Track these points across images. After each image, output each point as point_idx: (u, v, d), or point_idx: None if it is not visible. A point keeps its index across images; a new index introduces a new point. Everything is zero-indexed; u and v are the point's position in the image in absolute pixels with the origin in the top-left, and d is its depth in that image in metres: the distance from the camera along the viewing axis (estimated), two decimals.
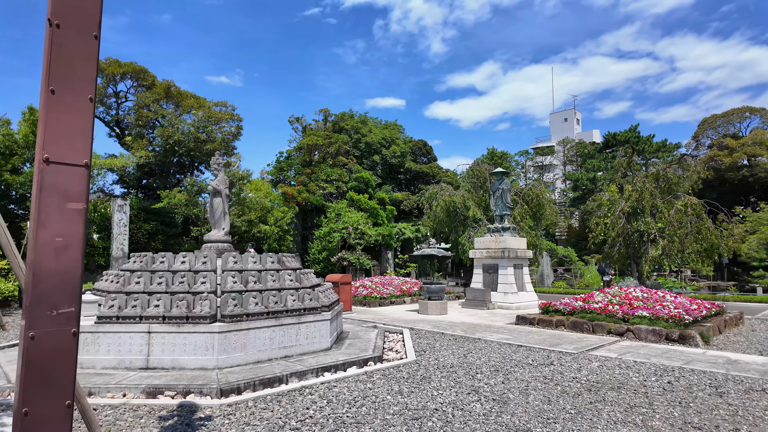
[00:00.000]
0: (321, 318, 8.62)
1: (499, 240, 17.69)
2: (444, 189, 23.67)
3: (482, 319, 13.93)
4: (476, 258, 18.44)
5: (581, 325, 11.54)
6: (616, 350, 9.14)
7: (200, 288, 7.86)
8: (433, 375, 7.13)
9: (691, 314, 11.03)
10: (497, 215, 18.82)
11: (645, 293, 12.72)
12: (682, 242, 17.72)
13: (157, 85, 21.24)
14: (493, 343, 9.89)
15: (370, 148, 31.95)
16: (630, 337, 10.58)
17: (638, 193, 18.43)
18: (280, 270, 9.12)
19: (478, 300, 16.87)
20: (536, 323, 12.46)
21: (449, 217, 23.49)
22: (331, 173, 28.32)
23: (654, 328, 10.35)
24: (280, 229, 23.83)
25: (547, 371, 7.38)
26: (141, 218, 20.16)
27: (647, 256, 18.30)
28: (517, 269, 17.72)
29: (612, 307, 11.80)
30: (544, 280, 28.90)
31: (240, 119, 22.85)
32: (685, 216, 17.84)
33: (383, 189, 31.82)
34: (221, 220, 10.00)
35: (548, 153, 65.60)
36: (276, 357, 7.90)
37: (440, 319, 13.70)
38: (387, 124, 35.73)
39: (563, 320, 11.96)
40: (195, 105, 21.09)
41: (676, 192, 19.27)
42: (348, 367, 7.67)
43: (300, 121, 32.07)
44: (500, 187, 18.73)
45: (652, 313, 11.03)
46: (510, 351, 9.05)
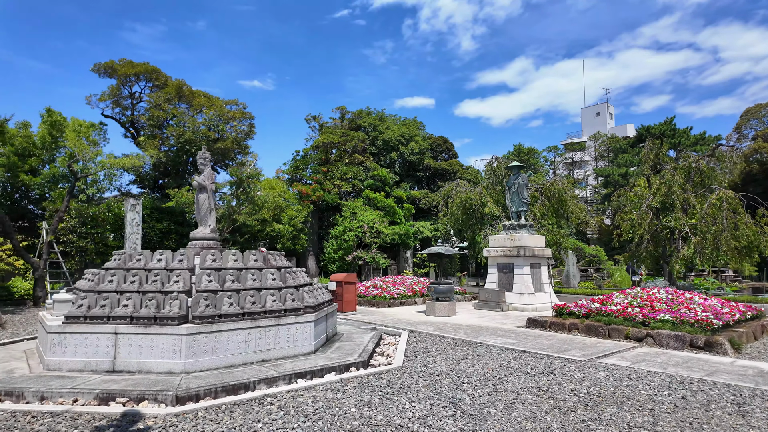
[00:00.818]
0: (304, 320, 8.10)
1: (515, 238, 16.77)
2: (460, 186, 22.81)
3: (492, 321, 13.12)
4: (491, 257, 17.56)
5: (596, 329, 10.60)
6: (630, 358, 8.22)
7: (172, 287, 7.48)
8: (414, 384, 6.48)
9: (721, 318, 9.93)
10: (513, 212, 17.88)
11: (670, 294, 11.63)
12: (716, 239, 16.30)
13: (170, 84, 21.33)
14: (494, 348, 9.13)
15: (387, 146, 31.32)
16: (649, 343, 9.59)
17: (667, 186, 17.08)
18: (263, 269, 8.66)
19: (491, 301, 16.03)
20: (548, 327, 11.57)
21: (466, 215, 22.61)
22: (347, 171, 27.87)
23: (677, 333, 9.33)
24: (294, 228, 23.54)
25: (544, 381, 6.61)
26: (154, 217, 20.25)
27: (678, 255, 16.94)
28: (534, 269, 16.75)
29: (631, 310, 10.80)
30: (570, 281, 27.56)
31: (251, 117, 22.72)
32: (720, 211, 16.40)
33: (401, 187, 31.12)
34: (207, 216, 9.63)
35: (578, 149, 63.24)
36: (252, 361, 7.43)
37: (446, 322, 12.98)
38: (406, 121, 35.01)
39: (577, 323, 11.04)
40: (206, 104, 21.04)
41: (710, 185, 17.80)
42: (326, 373, 7.11)
43: (317, 120, 31.79)
44: (516, 182, 17.79)
45: (676, 316, 9.99)
46: (510, 357, 8.28)
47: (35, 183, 19.13)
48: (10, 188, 19.31)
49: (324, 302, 9.29)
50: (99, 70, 20.78)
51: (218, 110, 21.00)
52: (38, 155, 19.30)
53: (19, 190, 19.43)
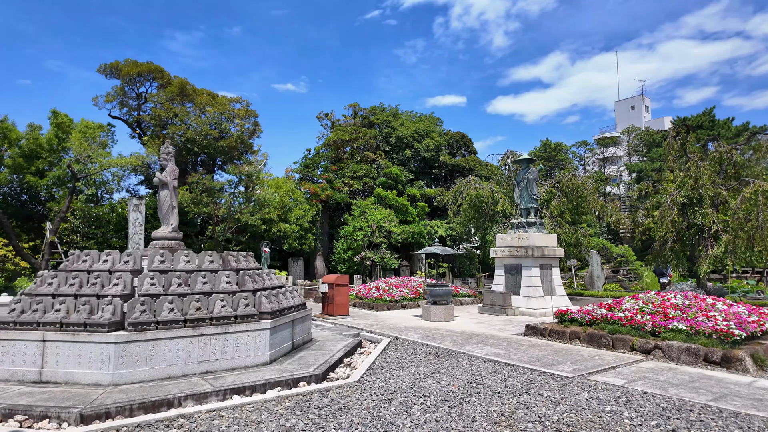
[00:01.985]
0: (257, 327, 7.40)
1: (523, 237, 15.61)
2: (471, 182, 21.70)
3: (490, 327, 12.09)
4: (497, 257, 16.45)
5: (599, 338, 9.45)
6: (629, 375, 7.11)
7: (109, 290, 6.92)
8: (357, 405, 5.66)
9: (745, 328, 8.61)
10: (522, 208, 16.70)
11: (688, 300, 10.31)
12: (750, 237, 14.63)
13: (173, 83, 21.22)
14: (476, 360, 8.17)
15: (401, 143, 30.39)
16: (658, 356, 8.40)
17: (693, 179, 15.48)
18: (218, 271, 8.01)
19: (496, 305, 14.95)
20: (547, 335, 10.48)
21: (477, 213, 21.49)
22: (357, 169, 27.15)
23: (689, 345, 8.11)
24: (300, 228, 23.03)
25: (512, 404, 5.65)
26: (157, 218, 20.16)
27: (706, 255, 15.33)
28: (545, 270, 15.54)
29: (640, 318, 9.58)
30: (594, 282, 25.93)
31: (255, 115, 22.33)
32: (755, 206, 14.71)
33: (415, 185, 30.13)
34: (169, 214, 9.09)
35: (611, 143, 60.34)
36: (194, 372, 6.78)
37: (439, 327, 12.03)
38: (421, 117, 33.96)
39: (578, 332, 9.91)
40: (209, 102, 20.79)
41: (744, 178, 16.05)
42: (270, 388, 6.38)
43: (329, 117, 31.21)
44: (525, 176, 16.60)
45: (691, 325, 8.74)
46: (487, 372, 7.32)
47: (42, 184, 19.32)
48: (18, 190, 19.60)
49: (289, 307, 8.57)
50: (105, 71, 20.94)
51: (221, 108, 20.74)
52: (45, 157, 19.49)
53: (26, 192, 19.69)
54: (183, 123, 20.11)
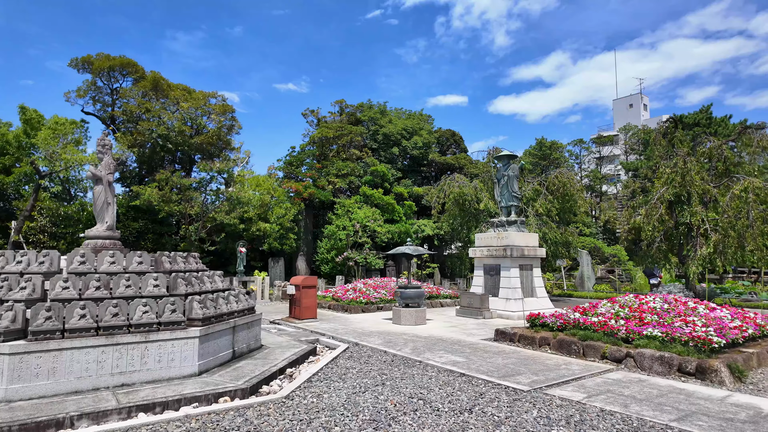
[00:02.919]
0: (184, 335, 6.73)
1: (502, 236, 14.93)
2: (456, 180, 21.02)
3: (461, 332, 11.42)
4: (476, 258, 15.79)
5: (569, 345, 8.77)
6: (591, 388, 6.44)
7: (13, 295, 6.26)
8: (268, 428, 4.99)
9: (725, 335, 7.94)
10: (503, 207, 16.03)
11: (667, 304, 9.63)
12: (741, 236, 13.94)
13: (146, 78, 20.55)
14: (430, 370, 7.51)
15: (388, 140, 29.68)
16: (629, 365, 7.72)
17: (681, 176, 14.78)
18: (145, 273, 7.35)
19: (473, 308, 14.27)
20: (517, 340, 9.80)
21: (462, 212, 20.80)
22: (342, 167, 26.46)
23: (662, 354, 7.43)
24: (281, 227, 22.36)
25: (447, 425, 4.99)
26: (130, 216, 19.52)
27: (695, 255, 14.64)
28: (525, 271, 14.87)
29: (614, 323, 8.91)
30: (584, 283, 25.27)
31: (232, 110, 21.63)
32: (746, 204, 14.03)
33: (402, 183, 29.42)
34: (104, 211, 8.42)
35: (607, 141, 59.60)
36: (107, 386, 6.12)
37: (406, 332, 11.36)
38: (410, 114, 33.25)
39: (549, 338, 9.23)
40: (183, 97, 20.09)
41: (734, 174, 15.36)
42: (186, 403, 5.72)
43: (315, 114, 30.50)
44: (506, 173, 15.92)
45: (667, 332, 8.06)
46: (436, 384, 6.65)
47: (9, 182, 18.68)
48: None
49: (230, 313, 7.90)
50: (77, 65, 20.28)
51: (196, 103, 20.04)
52: (12, 153, 18.85)
53: None
54: (156, 118, 19.43)
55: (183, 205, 18.29)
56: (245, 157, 27.02)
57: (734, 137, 16.77)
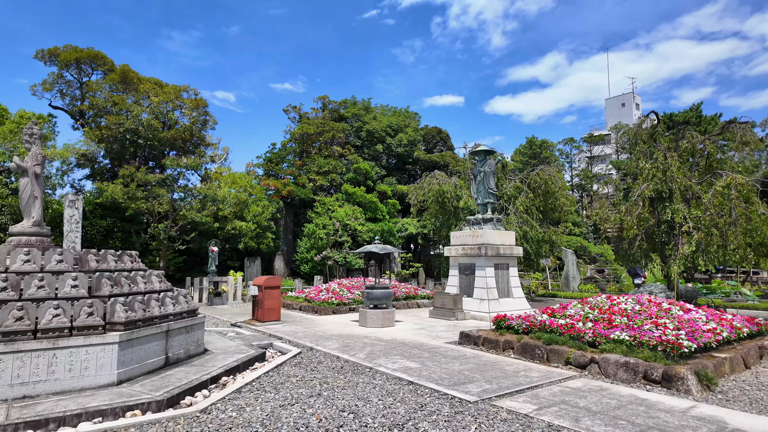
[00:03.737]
0: (100, 341, 6.13)
1: (477, 234, 14.38)
2: (437, 177, 20.47)
3: (428, 334, 10.85)
4: (452, 256, 15.24)
5: (533, 349, 8.22)
6: (546, 398, 5.88)
7: None
8: None
9: (697, 338, 7.41)
10: (479, 204, 15.48)
11: (640, 305, 9.10)
12: (723, 234, 13.46)
13: (115, 70, 19.84)
14: (378, 378, 6.93)
15: (372, 137, 29.08)
16: (593, 372, 7.17)
17: (662, 171, 14.29)
18: (65, 272, 6.73)
19: (446, 308, 13.72)
20: (481, 343, 9.25)
21: (442, 209, 20.26)
22: (323, 164, 25.84)
23: (627, 360, 6.89)
24: (257, 226, 21.72)
25: None
26: (97, 214, 18.82)
27: (676, 254, 14.15)
28: (500, 270, 14.33)
29: (582, 325, 8.37)
30: (569, 283, 24.76)
31: (205, 104, 20.94)
32: (728, 201, 13.55)
33: (386, 181, 28.85)
34: (30, 206, 7.78)
35: (598, 140, 59.24)
36: (4, 398, 5.51)
37: (370, 334, 10.79)
38: (396, 111, 32.64)
39: (512, 341, 8.68)
40: (153, 90, 19.36)
41: (717, 170, 14.88)
42: (88, 418, 5.13)
43: (296, 110, 29.83)
44: (482, 169, 15.38)
45: (635, 335, 7.52)
46: (378, 394, 6.08)
47: None
48: None
49: (164, 316, 7.30)
50: (43, 57, 19.52)
51: (166, 97, 19.34)
52: None
53: None
54: (124, 112, 18.74)
55: (151, 203, 17.62)
56: (224, 153, 26.38)
57: (718, 132, 16.30)
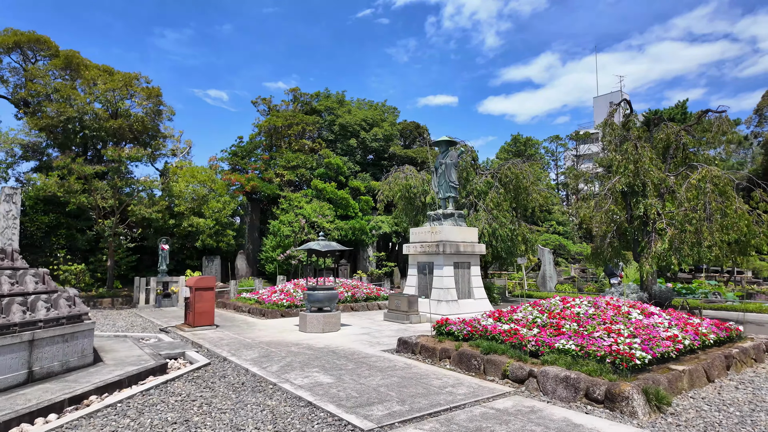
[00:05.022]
0: None
1: (436, 230, 13.35)
2: (405, 171, 19.42)
3: (367, 341, 9.79)
4: (411, 254, 14.20)
5: (469, 359, 7.17)
6: (460, 424, 4.83)
7: None
8: None
9: (653, 348, 6.42)
10: (441, 198, 14.46)
11: (595, 308, 8.10)
12: (698, 231, 12.53)
13: (60, 56, 18.53)
14: (275, 397, 5.86)
15: (345, 131, 27.95)
16: (531, 388, 6.14)
17: (633, 163, 13.35)
18: None
19: (400, 311, 12.66)
20: (418, 352, 8.20)
21: (410, 206, 19.21)
22: (292, 159, 24.68)
23: (568, 374, 5.85)
24: (217, 222, 20.54)
25: None
26: (38, 210, 17.54)
27: (649, 252, 13.22)
28: (460, 269, 13.30)
29: (526, 331, 7.34)
30: (546, 283, 23.87)
31: (159, 94, 19.62)
32: (703, 194, 12.63)
33: (359, 177, 27.75)
34: None
35: (585, 138, 58.57)
36: None
37: (303, 341, 9.70)
38: (373, 105, 31.55)
39: (450, 349, 7.63)
40: (99, 77, 18.05)
41: (692, 162, 13.97)
42: None
43: (266, 102, 28.58)
44: (444, 161, 14.36)
45: (582, 344, 6.50)
46: (259, 420, 5.01)
47: None
48: None
49: (28, 322, 6.16)
50: None
51: (115, 84, 18.04)
52: None
53: None
54: (65, 100, 17.44)
55: (93, 197, 16.39)
56: (186, 147, 25.14)
57: (694, 122, 15.40)
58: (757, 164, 42.39)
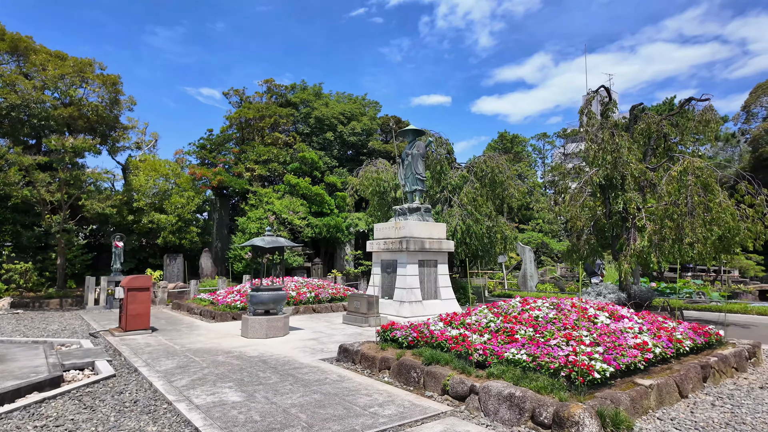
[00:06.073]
0: None
1: (400, 226, 12.38)
2: (378, 165, 18.44)
3: (311, 348, 8.79)
4: (374, 252, 13.23)
5: (409, 371, 6.20)
6: None
7: None
8: None
9: (618, 359, 5.49)
10: (407, 191, 13.51)
11: (556, 311, 7.17)
12: (679, 227, 11.68)
13: (6, 38, 17.22)
14: (161, 422, 4.86)
15: (321, 124, 26.88)
16: (471, 407, 5.18)
17: (611, 154, 12.47)
18: None
19: (359, 313, 11.68)
20: (359, 361, 7.21)
21: (382, 202, 18.23)
22: (263, 152, 23.58)
23: (513, 391, 4.89)
24: (179, 219, 19.41)
25: None
26: None
27: (628, 250, 12.35)
28: (426, 268, 12.35)
29: (478, 337, 6.38)
30: (526, 282, 23.01)
31: (116, 81, 18.40)
32: (685, 188, 11.78)
33: (336, 172, 26.72)
34: None
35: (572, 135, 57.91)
36: None
37: (236, 348, 8.68)
38: (352, 99, 30.49)
39: (390, 359, 6.65)
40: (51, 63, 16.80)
41: (674, 154, 13.14)
42: None
43: (238, 93, 27.40)
44: (410, 152, 13.41)
45: (534, 354, 5.56)
46: None
47: None
48: None
49: None
50: None
51: (64, 70, 16.80)
52: None
53: None
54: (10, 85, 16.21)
55: (38, 190, 15.23)
56: (152, 140, 23.98)
57: (677, 110, 14.56)
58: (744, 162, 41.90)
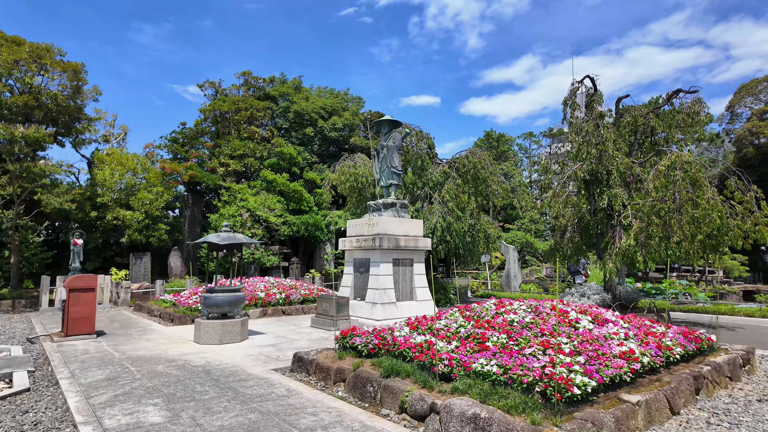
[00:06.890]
0: None
1: (373, 222, 11.60)
2: (356, 160, 17.66)
3: (266, 356, 7.98)
4: (347, 250, 12.44)
5: (365, 384, 5.42)
6: None
7: None
8: None
9: (602, 371, 4.78)
10: (383, 186, 12.73)
11: (533, 314, 6.46)
12: (666, 224, 11.11)
13: None
14: None
15: (301, 119, 25.99)
16: (430, 430, 4.43)
17: (595, 147, 11.86)
18: None
19: (328, 316, 10.87)
20: (313, 372, 6.41)
21: (360, 198, 17.45)
22: (238, 147, 22.64)
23: (478, 411, 4.14)
24: (147, 216, 18.40)
25: None
26: None
27: (612, 248, 11.75)
28: (401, 267, 11.59)
29: (446, 345, 5.63)
30: (510, 282, 22.40)
31: (78, 69, 17.29)
32: (672, 183, 11.22)
33: (315, 168, 25.85)
34: None
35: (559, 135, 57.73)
36: None
37: (182, 356, 7.83)
38: (334, 93, 29.66)
39: (346, 370, 5.87)
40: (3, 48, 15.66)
41: (661, 148, 12.58)
42: None
43: (213, 85, 26.34)
44: (386, 144, 12.63)
45: (506, 365, 4.82)
46: None
47: None
48: None
49: None
50: None
51: (19, 55, 15.73)
52: None
53: None
54: None
55: None
56: (121, 133, 22.89)
57: (663, 103, 14.02)
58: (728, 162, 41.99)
